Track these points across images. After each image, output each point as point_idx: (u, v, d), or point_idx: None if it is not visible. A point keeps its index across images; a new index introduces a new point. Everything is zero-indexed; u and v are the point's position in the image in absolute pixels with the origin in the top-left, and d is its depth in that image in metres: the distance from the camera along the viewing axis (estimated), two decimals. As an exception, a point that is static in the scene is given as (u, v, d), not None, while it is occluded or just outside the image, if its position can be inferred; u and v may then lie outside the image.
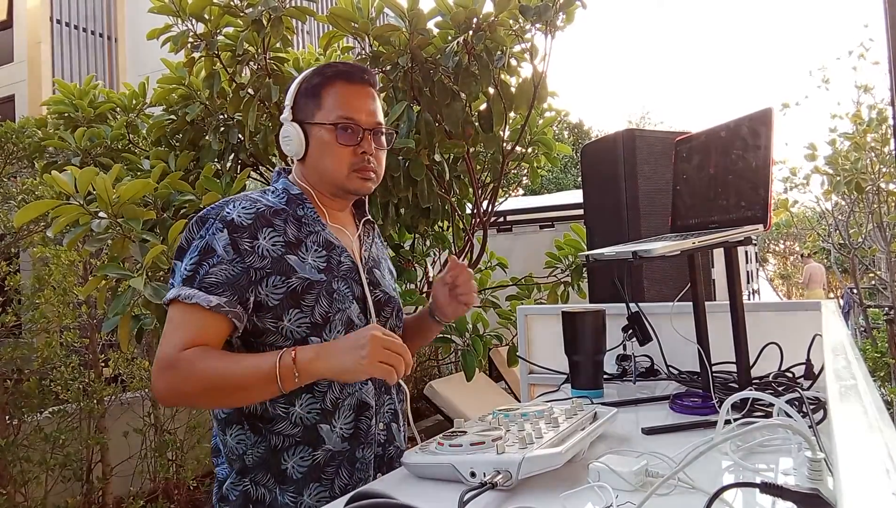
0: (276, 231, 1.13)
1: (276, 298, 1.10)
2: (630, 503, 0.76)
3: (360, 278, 1.21)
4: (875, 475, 0.40)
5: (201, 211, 1.15)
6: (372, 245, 1.31)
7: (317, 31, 10.21)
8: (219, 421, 1.16)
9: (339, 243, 1.20)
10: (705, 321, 1.30)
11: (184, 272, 1.08)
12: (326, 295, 1.13)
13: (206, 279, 1.06)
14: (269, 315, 1.10)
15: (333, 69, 1.21)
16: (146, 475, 3.86)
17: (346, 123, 1.17)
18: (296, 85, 1.23)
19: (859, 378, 0.69)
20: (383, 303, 1.25)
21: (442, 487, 0.87)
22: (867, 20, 6.56)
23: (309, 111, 1.19)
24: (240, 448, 1.13)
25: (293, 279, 1.11)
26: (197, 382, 1.02)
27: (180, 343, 1.03)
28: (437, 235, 3.05)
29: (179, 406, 1.08)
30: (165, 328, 1.07)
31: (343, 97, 1.18)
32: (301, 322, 1.11)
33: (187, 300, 1.05)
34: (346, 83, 1.20)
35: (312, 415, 1.12)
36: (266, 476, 1.12)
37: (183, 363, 1.02)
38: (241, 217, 1.11)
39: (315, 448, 1.12)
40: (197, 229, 1.12)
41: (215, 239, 1.09)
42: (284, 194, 1.20)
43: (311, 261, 1.14)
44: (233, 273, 1.07)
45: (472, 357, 2.59)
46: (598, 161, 2.32)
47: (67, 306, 3.72)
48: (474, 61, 2.46)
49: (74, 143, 2.66)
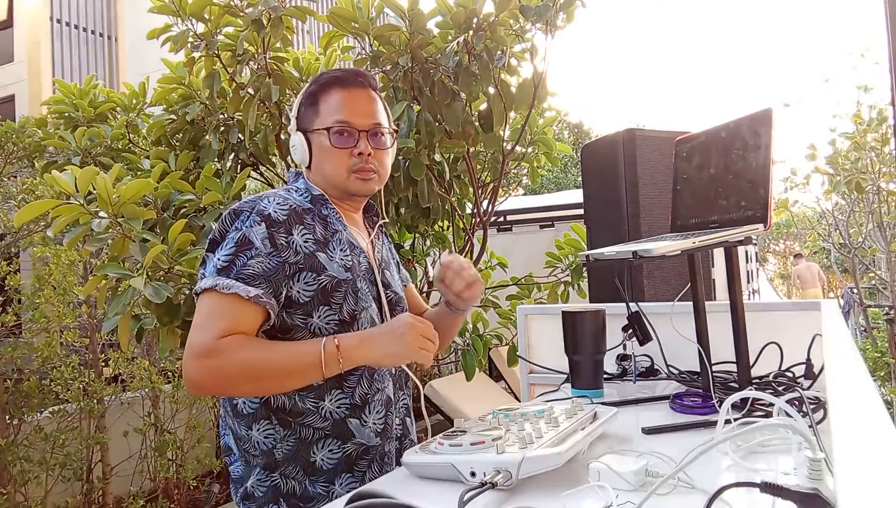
0: (307, 229, 1.16)
1: (308, 294, 1.12)
2: (630, 503, 0.76)
3: (376, 279, 1.25)
4: (875, 475, 0.40)
5: (235, 204, 1.17)
6: (383, 247, 1.35)
7: (317, 30, 10.22)
8: (243, 417, 1.17)
9: (358, 243, 1.24)
10: (705, 320, 1.30)
11: (218, 263, 1.09)
12: (353, 293, 1.17)
13: (245, 271, 1.07)
14: (299, 311, 1.12)
15: (328, 76, 1.25)
16: (146, 474, 3.86)
17: (341, 127, 1.20)
18: (299, 96, 1.27)
19: (859, 378, 0.69)
20: (395, 303, 1.29)
21: (442, 487, 0.87)
22: (867, 22, 6.57)
23: (308, 120, 1.24)
24: (268, 442, 1.14)
25: (323, 277, 1.14)
26: (240, 368, 1.03)
27: (218, 331, 1.04)
28: (437, 235, 3.05)
29: (214, 395, 1.11)
30: (198, 317, 1.08)
31: (337, 102, 1.22)
32: (330, 319, 1.14)
33: (225, 290, 1.06)
34: (341, 88, 1.23)
35: (342, 410, 1.15)
36: (296, 469, 1.14)
37: (225, 349, 1.03)
38: (277, 212, 1.13)
39: (344, 442, 1.15)
40: (231, 221, 1.13)
41: (252, 232, 1.10)
42: (308, 193, 1.23)
43: (339, 260, 1.17)
44: (269, 266, 1.09)
45: (472, 357, 2.59)
46: (598, 161, 2.32)
47: (67, 306, 3.72)
48: (474, 61, 2.46)
49: (74, 142, 2.66)
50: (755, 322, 1.25)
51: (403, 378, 1.29)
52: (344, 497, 0.78)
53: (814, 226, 8.08)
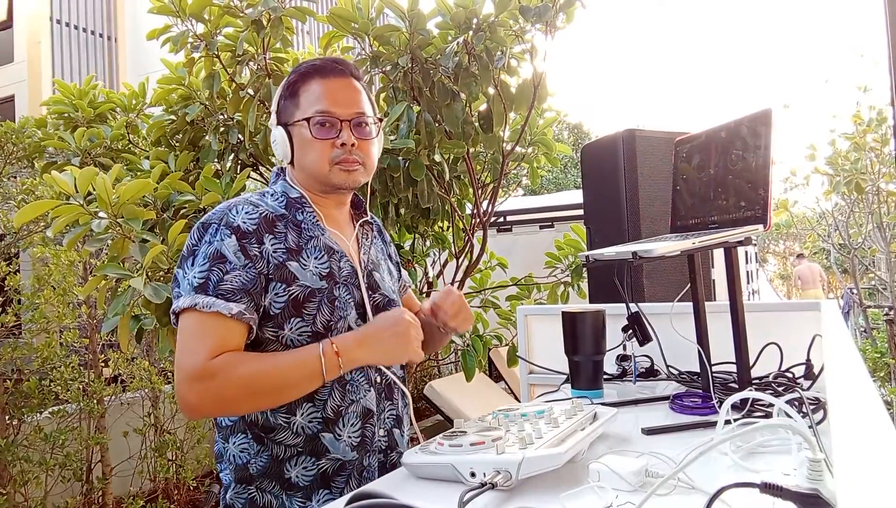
0: (277, 238, 1.11)
1: (278, 306, 1.08)
2: (630, 503, 0.76)
3: (360, 283, 1.19)
4: (875, 475, 0.40)
5: (203, 217, 1.13)
6: (371, 246, 1.28)
7: (317, 31, 10.22)
8: (221, 429, 1.15)
9: (339, 247, 1.18)
10: (705, 320, 1.30)
11: (193, 280, 1.05)
12: (328, 303, 1.12)
13: (222, 286, 1.04)
14: (270, 324, 1.08)
15: (307, 65, 1.20)
16: (146, 475, 3.86)
17: (323, 117, 1.15)
18: (279, 90, 1.22)
19: (859, 379, 0.69)
20: (382, 307, 1.22)
21: (442, 487, 0.87)
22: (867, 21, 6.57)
23: (289, 112, 1.18)
24: (243, 456, 1.11)
25: (294, 287, 1.09)
26: (239, 387, 1.01)
27: (208, 352, 1.01)
28: (437, 235, 3.05)
29: (216, 416, 1.07)
30: (183, 338, 1.04)
31: (318, 92, 1.16)
32: (302, 331, 1.09)
33: (206, 309, 1.02)
34: (321, 78, 1.18)
35: (314, 424, 1.10)
36: (272, 484, 1.10)
37: (220, 369, 1.00)
38: (247, 223, 1.09)
39: (318, 458, 1.10)
40: (199, 235, 1.09)
41: (224, 245, 1.06)
42: (283, 197, 1.18)
43: (313, 268, 1.12)
44: (247, 279, 1.06)
45: (472, 357, 2.59)
46: (598, 161, 2.32)
47: (67, 306, 3.72)
48: (474, 62, 2.46)
49: (74, 143, 2.66)
50: (755, 323, 1.25)
51: (392, 389, 1.22)
52: (343, 498, 0.78)
53: (813, 226, 8.09)
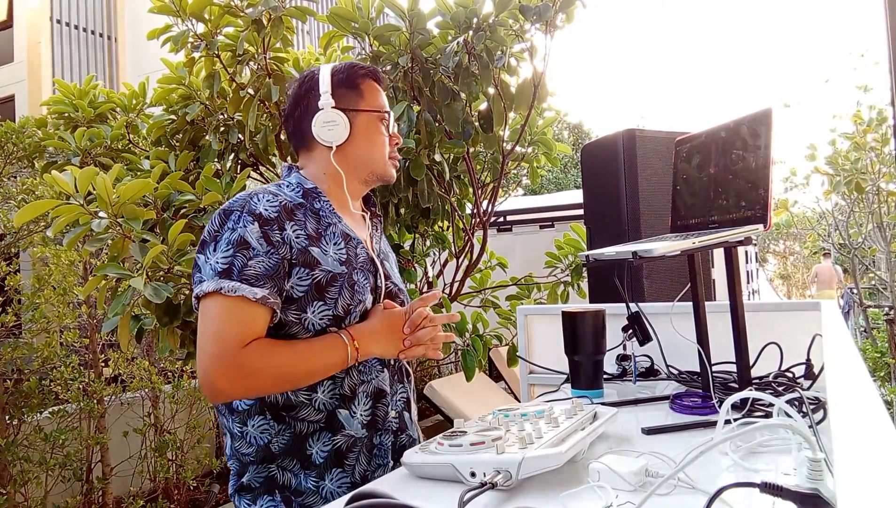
0: (298, 224, 1.16)
1: (301, 290, 1.13)
2: (630, 503, 0.76)
3: (377, 269, 1.25)
4: (875, 475, 0.40)
5: (223, 204, 1.16)
6: (381, 240, 1.36)
7: (317, 31, 10.22)
8: (238, 413, 1.16)
9: (355, 235, 1.24)
10: (705, 321, 1.30)
11: (217, 265, 1.09)
12: (348, 287, 1.17)
13: (247, 272, 1.08)
14: (293, 307, 1.13)
15: (363, 69, 1.30)
16: (146, 475, 3.86)
17: (385, 115, 1.28)
18: (328, 76, 1.26)
19: (859, 378, 0.69)
20: (394, 294, 1.29)
21: (442, 487, 0.87)
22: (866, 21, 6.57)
23: (351, 100, 1.25)
24: (264, 437, 1.15)
25: (317, 271, 1.14)
26: (270, 375, 1.09)
27: (237, 339, 1.06)
28: (437, 235, 3.04)
29: (240, 399, 1.14)
30: (206, 323, 1.08)
31: (378, 93, 1.29)
32: (324, 314, 1.14)
33: (231, 293, 1.06)
34: (376, 81, 1.30)
35: (333, 401, 1.16)
36: (292, 462, 1.14)
37: (251, 359, 1.06)
38: (269, 210, 1.13)
39: (335, 434, 1.15)
40: (222, 222, 1.13)
41: (247, 232, 1.10)
42: (299, 188, 1.23)
43: (333, 253, 1.17)
44: (270, 265, 1.10)
45: (472, 357, 2.59)
46: (598, 161, 2.32)
47: (67, 306, 3.72)
48: (474, 61, 2.46)
49: (74, 143, 2.66)
50: (755, 322, 1.25)
51: (402, 372, 1.30)
52: (343, 498, 0.78)
53: (814, 226, 8.09)
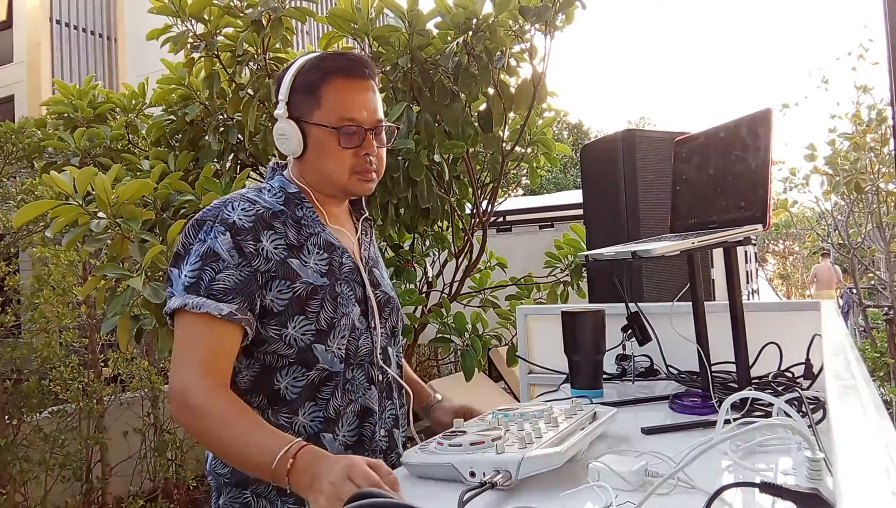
0: (277, 234, 1.09)
1: (282, 303, 1.06)
2: (630, 502, 0.76)
3: (363, 278, 1.18)
4: (875, 475, 0.40)
5: (197, 214, 1.10)
6: (371, 245, 1.28)
7: (316, 31, 10.21)
8: None
9: (340, 243, 1.17)
10: (705, 320, 1.30)
11: (185, 280, 1.03)
12: (331, 299, 1.10)
13: (214, 286, 1.01)
14: (273, 323, 1.06)
15: (332, 63, 1.14)
16: (146, 474, 3.87)
17: (349, 126, 1.11)
18: (290, 78, 1.14)
19: (859, 378, 0.69)
20: (384, 303, 1.22)
21: (442, 487, 0.87)
22: (866, 20, 6.56)
23: (306, 109, 1.13)
24: None
25: (298, 284, 1.07)
26: (211, 442, 0.99)
27: (198, 370, 0.98)
28: (437, 235, 3.04)
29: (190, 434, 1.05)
30: (178, 343, 1.02)
31: (343, 95, 1.12)
32: (306, 330, 1.07)
33: (195, 310, 1.00)
34: (346, 78, 1.13)
35: (316, 424, 1.09)
36: (267, 488, 1.07)
37: (204, 414, 0.96)
38: (242, 219, 1.07)
39: None
40: (194, 233, 1.06)
41: (217, 243, 1.04)
42: (282, 192, 1.15)
43: (313, 265, 1.11)
44: (240, 278, 1.03)
45: (472, 357, 2.58)
46: (598, 161, 2.32)
47: (67, 306, 3.72)
48: (474, 62, 2.46)
49: (74, 143, 2.66)
50: (754, 322, 1.25)
51: (391, 388, 1.21)
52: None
53: (813, 226, 8.08)
